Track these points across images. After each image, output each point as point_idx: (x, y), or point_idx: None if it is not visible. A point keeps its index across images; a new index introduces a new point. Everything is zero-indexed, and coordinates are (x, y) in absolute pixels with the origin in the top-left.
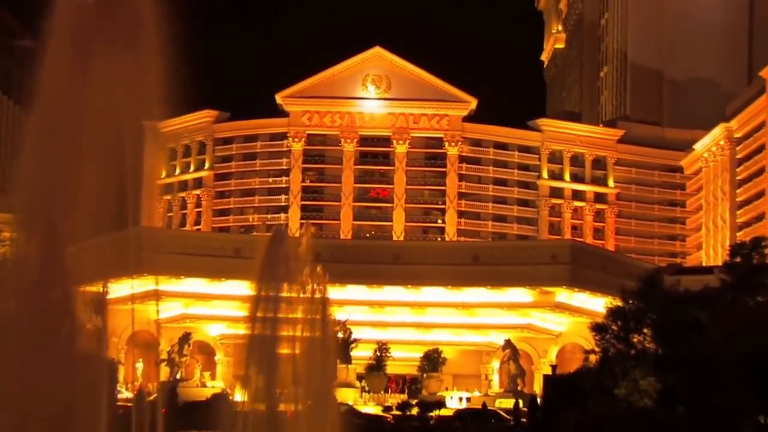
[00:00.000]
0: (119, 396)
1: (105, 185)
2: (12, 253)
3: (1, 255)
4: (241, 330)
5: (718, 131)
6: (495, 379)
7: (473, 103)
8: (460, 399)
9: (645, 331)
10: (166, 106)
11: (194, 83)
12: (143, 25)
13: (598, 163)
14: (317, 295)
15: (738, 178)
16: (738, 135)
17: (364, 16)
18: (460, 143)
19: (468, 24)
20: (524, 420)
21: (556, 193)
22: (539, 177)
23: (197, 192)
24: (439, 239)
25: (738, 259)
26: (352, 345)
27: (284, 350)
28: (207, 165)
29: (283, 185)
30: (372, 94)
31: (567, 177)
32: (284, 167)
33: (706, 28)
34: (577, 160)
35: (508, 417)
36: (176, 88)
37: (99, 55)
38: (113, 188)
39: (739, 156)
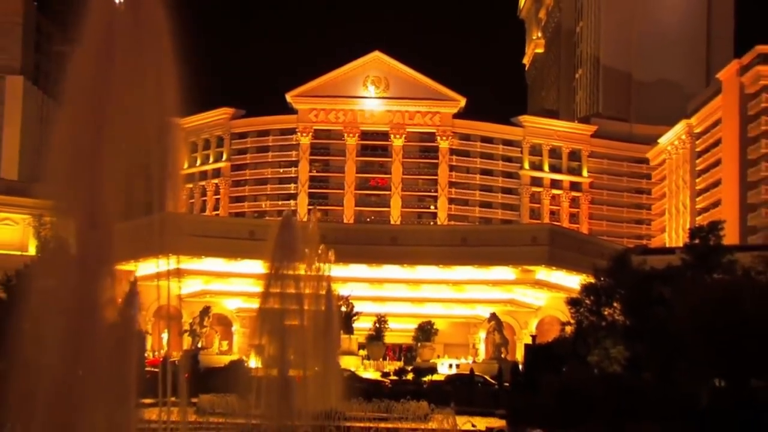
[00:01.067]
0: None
1: (133, 176)
2: (52, 235)
3: (43, 237)
4: (256, 304)
5: (679, 127)
6: (481, 347)
7: (462, 101)
8: (450, 366)
9: (615, 305)
10: (187, 104)
11: (211, 83)
12: (165, 30)
13: (574, 156)
14: (323, 273)
15: (697, 168)
16: (697, 130)
17: (364, 19)
18: (450, 137)
19: (458, 30)
20: (507, 384)
21: (536, 182)
22: (521, 168)
23: (216, 181)
24: (431, 223)
25: (697, 241)
26: (354, 317)
27: (294, 322)
28: (224, 157)
29: (293, 175)
30: (372, 93)
31: (546, 168)
32: (293, 159)
33: (670, 36)
34: (554, 153)
35: (493, 381)
36: (196, 87)
37: (126, 58)
38: (141, 178)
39: (698, 149)
